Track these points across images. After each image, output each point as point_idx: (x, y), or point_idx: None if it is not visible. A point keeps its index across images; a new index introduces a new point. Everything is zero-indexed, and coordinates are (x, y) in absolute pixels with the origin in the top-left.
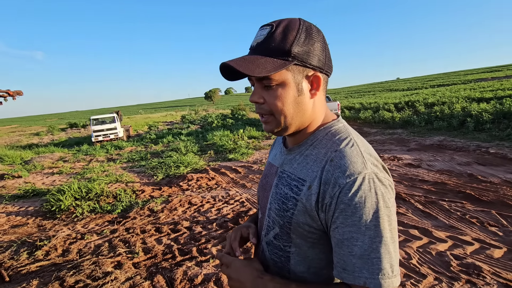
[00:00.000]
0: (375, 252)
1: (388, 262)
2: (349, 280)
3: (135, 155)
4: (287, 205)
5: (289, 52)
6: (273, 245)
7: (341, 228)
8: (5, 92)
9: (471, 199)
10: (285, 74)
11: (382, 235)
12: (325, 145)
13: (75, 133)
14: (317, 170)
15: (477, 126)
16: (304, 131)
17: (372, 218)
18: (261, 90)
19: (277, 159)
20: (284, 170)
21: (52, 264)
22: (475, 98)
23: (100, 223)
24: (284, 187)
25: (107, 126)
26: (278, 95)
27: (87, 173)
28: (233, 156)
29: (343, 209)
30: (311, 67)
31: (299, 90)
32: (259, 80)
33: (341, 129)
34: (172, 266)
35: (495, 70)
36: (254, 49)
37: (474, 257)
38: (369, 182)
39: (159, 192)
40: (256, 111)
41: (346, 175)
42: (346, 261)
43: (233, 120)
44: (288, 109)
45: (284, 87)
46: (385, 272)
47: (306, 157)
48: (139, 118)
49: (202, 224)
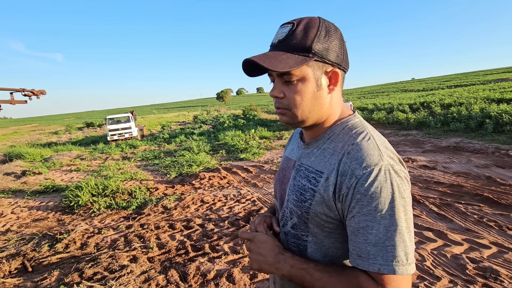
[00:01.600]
0: (389, 240)
1: (403, 250)
2: (363, 267)
3: (149, 154)
4: (305, 196)
5: (309, 49)
6: (291, 235)
7: (357, 217)
8: (30, 91)
9: (489, 202)
10: (305, 69)
11: (397, 224)
12: (342, 139)
13: (91, 132)
14: (334, 162)
15: (496, 127)
16: (321, 125)
17: (388, 208)
18: (281, 85)
19: (294, 153)
20: (302, 164)
21: (72, 256)
22: (494, 99)
23: (116, 218)
24: (302, 179)
25: (122, 125)
26: (298, 90)
27: (103, 171)
28: (244, 156)
29: (359, 199)
30: (330, 63)
31: (318, 85)
32: (280, 76)
33: (358, 124)
34: (185, 261)
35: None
36: (276, 46)
37: (492, 261)
38: (385, 173)
39: (172, 190)
40: (275, 105)
41: (363, 167)
42: (361, 249)
43: (245, 121)
44: (306, 103)
45: (304, 82)
46: (399, 259)
47: (324, 151)
48: (152, 118)
49: (214, 222)
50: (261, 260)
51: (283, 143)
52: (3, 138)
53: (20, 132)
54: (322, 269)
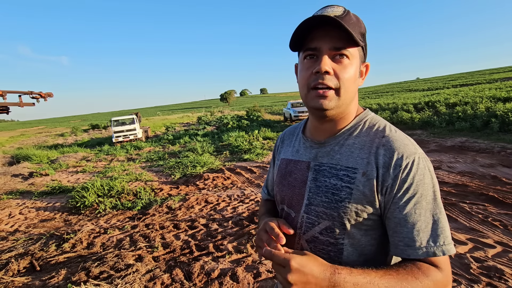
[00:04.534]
0: (436, 223)
1: (448, 230)
2: (416, 255)
3: (153, 155)
4: (340, 196)
5: (363, 35)
6: (319, 241)
7: (404, 207)
8: (38, 94)
9: (494, 201)
10: (355, 52)
11: (440, 207)
12: (366, 133)
13: (96, 134)
14: (366, 156)
15: (503, 127)
16: (342, 119)
17: (431, 193)
18: (330, 62)
19: (302, 155)
20: (322, 163)
21: (78, 256)
22: (501, 98)
23: (121, 219)
24: (330, 178)
25: (127, 127)
26: (348, 69)
27: (108, 172)
28: (248, 157)
29: (406, 188)
30: (365, 57)
31: (360, 73)
32: (334, 50)
33: (376, 118)
34: (190, 260)
35: None
36: (333, 19)
37: (496, 260)
38: (422, 161)
39: (176, 190)
40: (314, 83)
41: (405, 157)
42: (410, 238)
43: (248, 121)
44: (351, 86)
45: (352, 64)
46: (449, 240)
47: (349, 147)
48: (157, 119)
49: (218, 222)
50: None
51: None
52: (10, 140)
53: (27, 135)
54: (383, 274)
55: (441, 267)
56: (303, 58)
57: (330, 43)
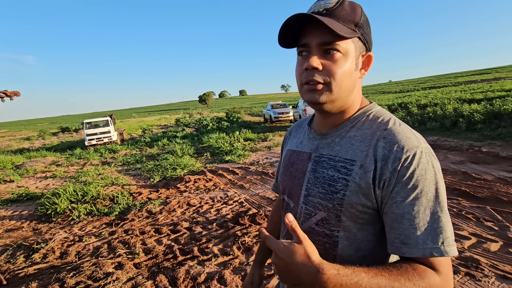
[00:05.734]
0: (437, 222)
1: (450, 230)
2: (412, 254)
3: (130, 158)
4: (336, 187)
5: (357, 25)
6: (315, 232)
7: (401, 202)
8: (3, 92)
9: (467, 196)
10: (350, 44)
11: (442, 206)
12: (369, 126)
13: (67, 137)
14: (366, 149)
15: (469, 126)
16: (343, 112)
17: (433, 190)
18: (319, 56)
19: (305, 146)
20: (322, 154)
21: (51, 266)
22: (466, 99)
23: (97, 225)
24: (328, 170)
25: (100, 129)
26: (340, 63)
27: (81, 177)
28: (229, 158)
29: (404, 182)
30: (367, 46)
31: (356, 65)
32: (323, 45)
33: (381, 111)
34: (174, 265)
35: (484, 73)
36: (322, 13)
37: (472, 251)
38: (426, 155)
39: (156, 194)
40: (306, 79)
41: (406, 150)
42: (407, 235)
43: (228, 123)
44: (344, 80)
45: (346, 57)
46: (449, 241)
47: (350, 139)
48: (132, 121)
49: (202, 225)
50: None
51: (268, 144)
52: None
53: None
54: (374, 275)
55: (439, 270)
56: (297, 54)
57: (318, 38)
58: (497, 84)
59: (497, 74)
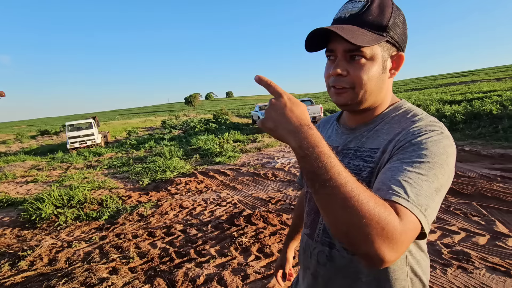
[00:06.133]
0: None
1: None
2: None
3: (116, 161)
4: (362, 175)
5: (385, 28)
6: None
7: (395, 161)
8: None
9: (453, 192)
10: (376, 49)
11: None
12: (398, 121)
13: (47, 140)
14: (390, 137)
15: (451, 126)
16: (373, 110)
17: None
18: (345, 63)
19: (333, 141)
20: (349, 147)
21: (39, 274)
22: (447, 101)
23: (86, 230)
24: (354, 160)
25: (83, 132)
26: (365, 69)
27: (66, 181)
28: (220, 160)
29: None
30: (397, 46)
31: (384, 67)
32: (348, 52)
33: (412, 108)
34: (171, 268)
35: (462, 75)
36: (347, 20)
37: (462, 245)
38: (446, 138)
39: (146, 197)
40: (332, 83)
41: (425, 129)
42: (384, 182)
43: (216, 125)
44: (370, 84)
45: (372, 62)
46: (423, 202)
47: (377, 131)
48: (116, 124)
49: (197, 227)
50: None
51: (258, 145)
52: None
53: None
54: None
55: (401, 216)
56: (326, 57)
57: (344, 45)
58: (474, 86)
59: (473, 76)
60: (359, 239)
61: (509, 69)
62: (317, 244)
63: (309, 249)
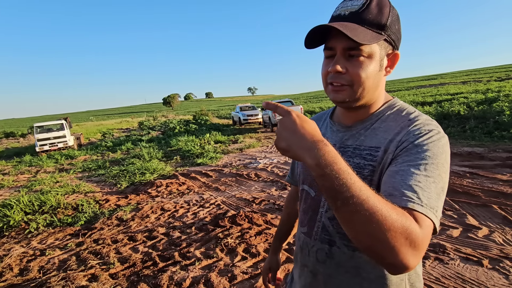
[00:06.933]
0: (428, 186)
1: (436, 199)
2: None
3: (91, 164)
4: (363, 173)
5: (384, 27)
6: None
7: (400, 163)
8: None
9: None
10: (374, 47)
11: (439, 180)
12: (393, 119)
13: (12, 143)
14: (389, 137)
15: None
16: (369, 107)
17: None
18: (344, 60)
19: (329, 138)
20: (347, 145)
21: (10, 285)
22: (419, 102)
23: (60, 237)
24: (353, 158)
25: (54, 134)
26: (363, 66)
27: (35, 185)
28: (201, 161)
29: (409, 148)
30: (393, 45)
31: (381, 66)
32: (347, 50)
33: (405, 105)
34: (155, 272)
35: (431, 78)
36: (347, 17)
37: (438, 238)
38: (443, 137)
39: (125, 200)
40: (330, 80)
41: (424, 129)
42: (395, 187)
43: (196, 126)
44: (368, 82)
45: (370, 60)
46: (433, 205)
47: (374, 129)
48: (90, 125)
49: (180, 229)
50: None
51: (239, 146)
52: None
53: None
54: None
55: (420, 223)
56: (324, 52)
57: (343, 43)
58: (443, 88)
59: (442, 79)
60: (385, 252)
61: (473, 73)
62: (315, 242)
63: (307, 247)
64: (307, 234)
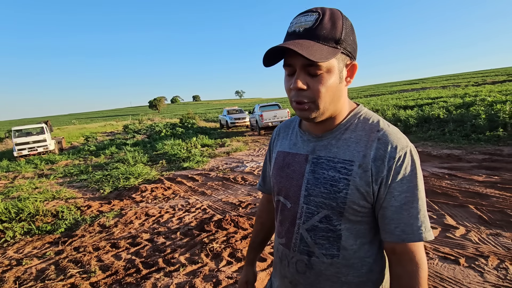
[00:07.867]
0: (423, 210)
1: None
2: (411, 240)
3: (73, 169)
4: (338, 187)
5: (339, 41)
6: (319, 229)
7: (398, 196)
8: None
9: None
10: (332, 61)
11: (424, 196)
12: (362, 128)
13: None
14: (363, 150)
15: (406, 129)
16: (335, 118)
17: (419, 183)
18: (304, 76)
19: (300, 148)
20: (320, 156)
21: None
22: (401, 106)
23: (39, 245)
24: (328, 171)
25: (33, 138)
26: (323, 82)
27: (12, 192)
28: (188, 165)
29: (400, 178)
30: (350, 56)
31: (340, 78)
32: (306, 66)
33: (370, 113)
34: (138, 280)
35: (413, 83)
36: (301, 34)
37: None
38: (413, 154)
39: (108, 206)
40: (294, 99)
41: (398, 150)
42: (406, 224)
43: (183, 129)
44: (330, 95)
45: (329, 74)
46: (429, 226)
47: (346, 141)
48: (72, 128)
49: (165, 235)
50: None
51: (226, 150)
52: None
53: None
54: None
55: (422, 250)
56: (284, 69)
57: (301, 61)
58: (424, 92)
59: (423, 84)
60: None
61: (452, 78)
62: (294, 254)
63: (286, 259)
64: (286, 246)
